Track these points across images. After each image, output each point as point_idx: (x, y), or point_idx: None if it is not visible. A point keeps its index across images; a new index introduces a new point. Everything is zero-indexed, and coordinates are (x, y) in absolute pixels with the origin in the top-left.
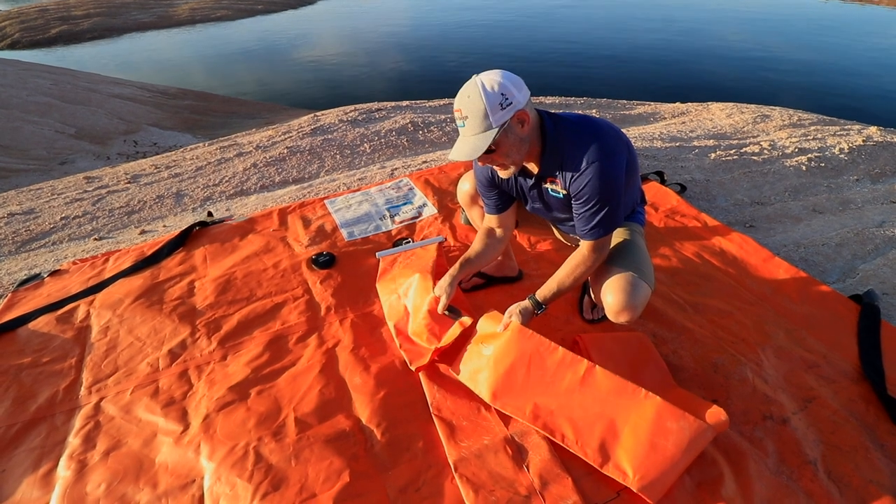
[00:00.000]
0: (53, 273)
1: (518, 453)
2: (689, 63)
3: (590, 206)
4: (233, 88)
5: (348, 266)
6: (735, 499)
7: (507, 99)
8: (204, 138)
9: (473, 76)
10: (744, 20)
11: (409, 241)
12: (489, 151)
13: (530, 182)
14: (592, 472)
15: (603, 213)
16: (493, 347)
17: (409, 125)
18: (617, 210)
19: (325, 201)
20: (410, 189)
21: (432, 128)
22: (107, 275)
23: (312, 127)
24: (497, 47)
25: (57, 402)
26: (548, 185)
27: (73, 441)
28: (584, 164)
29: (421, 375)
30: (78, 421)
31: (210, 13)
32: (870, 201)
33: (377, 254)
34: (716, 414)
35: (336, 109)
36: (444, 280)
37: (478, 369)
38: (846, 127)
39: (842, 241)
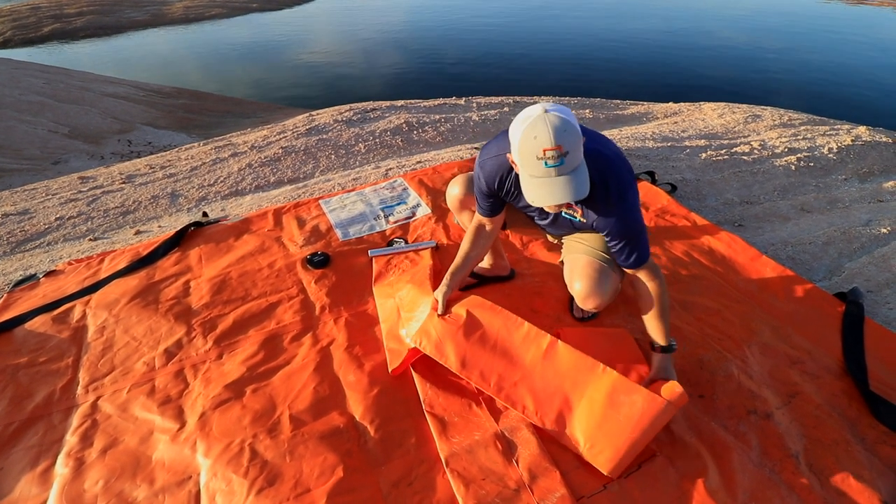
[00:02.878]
0: (49, 273)
1: (508, 448)
2: (682, 63)
3: (623, 242)
4: (227, 87)
5: (343, 266)
6: (718, 491)
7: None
8: (198, 138)
9: (543, 111)
10: (736, 20)
11: (402, 242)
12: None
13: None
14: (581, 465)
15: (639, 244)
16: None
17: (404, 125)
18: (645, 234)
19: (320, 201)
20: (405, 189)
21: (427, 128)
22: (102, 275)
23: (307, 127)
24: (494, 47)
25: (54, 401)
26: (564, 210)
27: (71, 439)
28: (608, 202)
29: (414, 374)
30: (75, 419)
31: (204, 11)
32: (857, 200)
33: (369, 252)
34: (672, 389)
35: (331, 109)
36: (440, 289)
37: (445, 339)
38: (836, 127)
39: (828, 239)
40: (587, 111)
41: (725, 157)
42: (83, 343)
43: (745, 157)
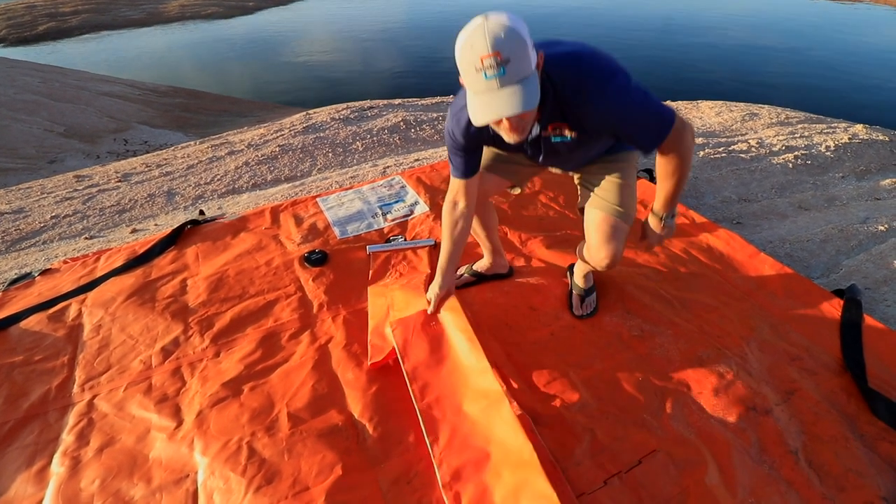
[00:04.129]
0: (44, 272)
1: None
2: (681, 62)
3: (634, 128)
4: (224, 86)
5: (341, 263)
6: (718, 487)
7: (529, 38)
8: (195, 136)
9: (482, 17)
10: (736, 19)
11: (400, 239)
12: (533, 105)
13: (531, 137)
14: (581, 461)
15: (649, 118)
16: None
17: (402, 123)
18: (652, 102)
19: (318, 199)
20: (402, 187)
21: (424, 126)
22: (98, 273)
23: (304, 125)
24: None
25: (50, 399)
26: (550, 134)
27: (67, 438)
28: (595, 99)
29: (404, 373)
30: (71, 418)
31: (200, 10)
32: (854, 198)
33: (367, 248)
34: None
35: (328, 107)
36: (433, 288)
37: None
38: (833, 125)
39: (826, 237)
40: None
41: (723, 154)
42: (79, 341)
43: (742, 155)
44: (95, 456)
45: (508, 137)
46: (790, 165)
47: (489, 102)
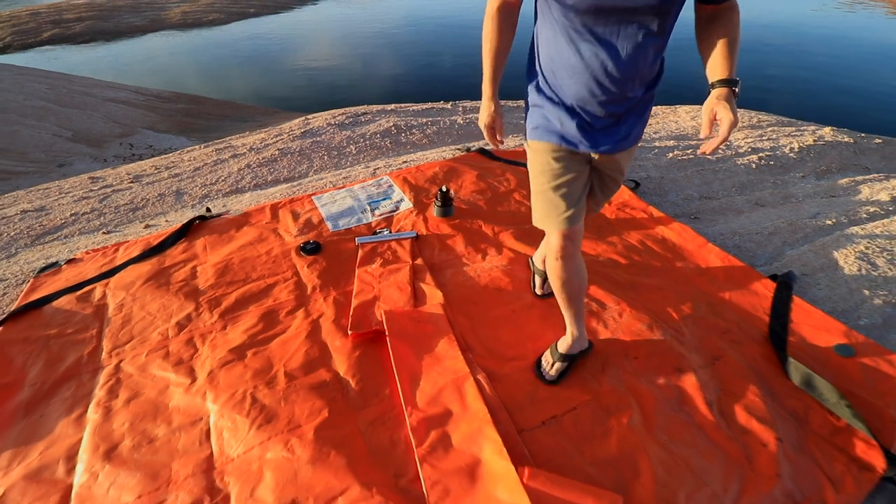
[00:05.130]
0: (70, 261)
1: (461, 395)
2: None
3: None
4: (225, 92)
5: (332, 252)
6: (638, 427)
7: None
8: (198, 141)
9: None
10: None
11: (386, 232)
12: None
13: None
14: (525, 407)
15: None
16: None
17: (393, 128)
18: None
19: (313, 197)
20: (390, 186)
21: (414, 130)
22: (118, 262)
23: (303, 130)
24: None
25: (82, 363)
26: None
27: (99, 393)
28: None
29: (389, 341)
30: (101, 378)
31: (202, 16)
32: (810, 195)
33: (357, 239)
34: None
35: (325, 113)
36: (486, 112)
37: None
38: (802, 128)
39: (775, 230)
40: None
41: (690, 156)
42: (104, 318)
43: (708, 157)
44: (124, 406)
45: None
46: (753, 166)
47: None
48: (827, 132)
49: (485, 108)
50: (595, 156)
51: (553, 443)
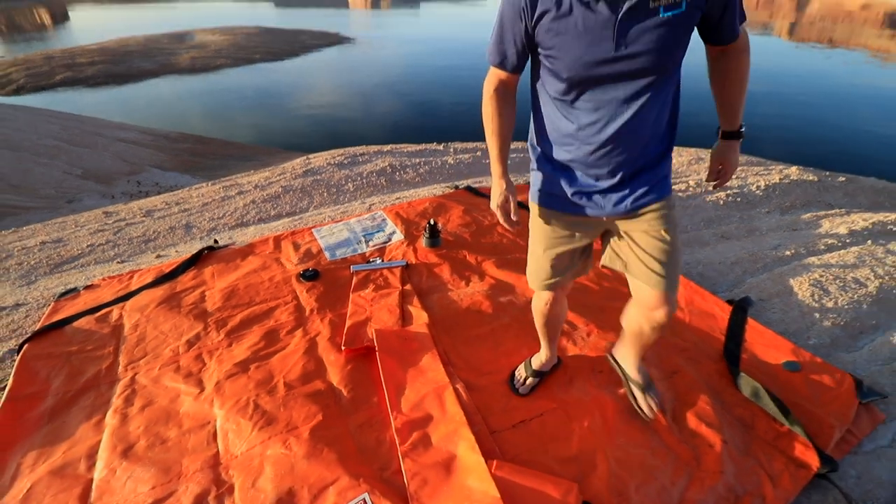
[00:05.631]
0: (88, 287)
1: (441, 401)
2: None
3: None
4: (230, 132)
5: (329, 279)
6: (598, 430)
7: None
8: (203, 179)
9: None
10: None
11: (378, 261)
12: None
13: (625, 5)
14: (498, 413)
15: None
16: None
17: (388, 167)
18: None
19: (313, 230)
20: (383, 220)
21: (408, 170)
22: (133, 287)
23: (304, 169)
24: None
25: (101, 376)
26: (660, 3)
27: (116, 401)
28: None
29: (378, 356)
30: (118, 389)
31: (210, 62)
32: (774, 229)
33: (351, 267)
34: None
35: (325, 153)
36: (498, 192)
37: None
38: (770, 167)
39: (737, 260)
40: None
41: None
42: (121, 336)
43: (680, 194)
44: (139, 412)
45: None
46: (721, 202)
47: None
48: (793, 171)
49: (496, 188)
50: (607, 219)
51: (521, 442)
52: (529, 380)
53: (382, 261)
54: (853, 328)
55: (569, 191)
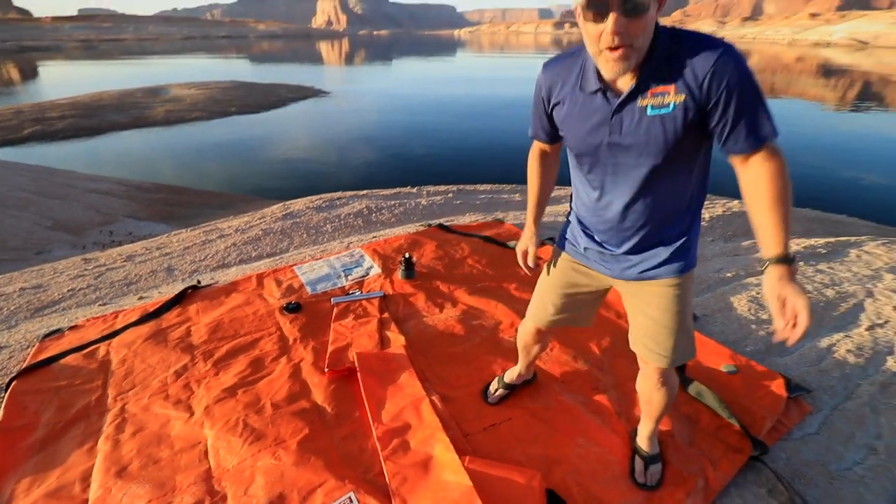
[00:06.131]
0: (72, 328)
1: (418, 411)
2: None
3: (752, 100)
4: (206, 183)
5: (311, 311)
6: (562, 431)
7: None
8: (179, 227)
9: None
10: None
11: (357, 293)
12: (643, 9)
13: (616, 101)
14: (470, 420)
15: (758, 108)
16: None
17: (365, 209)
18: (765, 100)
19: (294, 267)
20: (362, 256)
21: (384, 211)
22: (118, 326)
23: (283, 213)
24: (453, 144)
25: (90, 407)
26: (648, 102)
27: (107, 429)
28: (719, 57)
29: (360, 376)
30: (108, 418)
31: (185, 115)
32: (717, 255)
33: (332, 299)
34: None
35: (304, 199)
36: (527, 240)
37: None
38: (715, 201)
39: None
40: (517, 195)
41: None
42: (108, 370)
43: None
44: (131, 437)
45: (607, 61)
46: None
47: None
48: (735, 204)
49: (524, 235)
50: (615, 281)
51: (492, 443)
52: (500, 391)
53: (361, 292)
54: None
55: (587, 245)
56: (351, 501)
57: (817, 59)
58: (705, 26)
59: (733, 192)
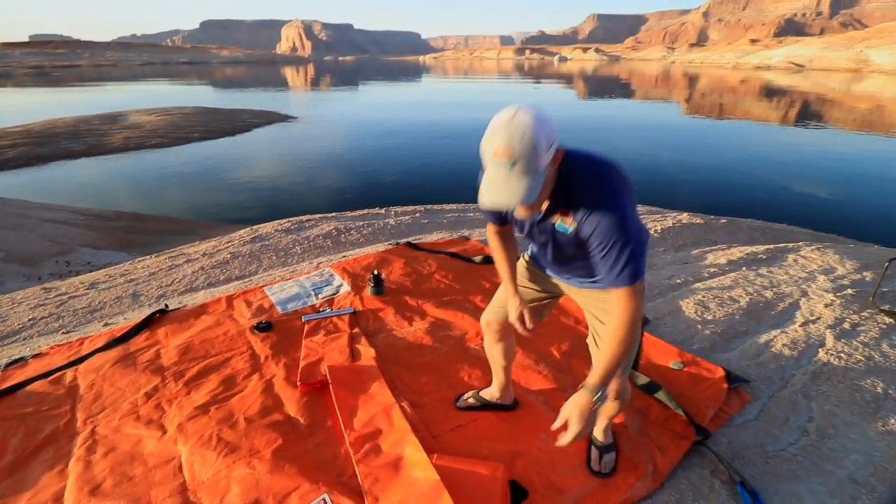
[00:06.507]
0: (36, 356)
1: (389, 417)
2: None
3: (610, 246)
4: (169, 210)
5: (282, 329)
6: (524, 429)
7: (552, 137)
8: (141, 255)
9: (515, 109)
10: (632, 130)
11: (328, 310)
12: (534, 199)
13: (538, 216)
14: (439, 422)
15: (622, 254)
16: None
17: (334, 230)
18: (636, 249)
19: (264, 288)
20: (331, 275)
21: (352, 232)
22: (84, 352)
23: (252, 236)
24: (430, 164)
25: (59, 432)
26: (557, 220)
27: (78, 451)
28: (594, 201)
29: (331, 388)
30: (79, 441)
31: (145, 141)
32: (669, 263)
33: (303, 317)
34: None
35: (272, 222)
36: (513, 307)
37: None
38: (666, 214)
39: None
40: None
41: None
42: (77, 395)
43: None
44: (103, 457)
45: (517, 213)
46: None
47: (494, 189)
48: (684, 216)
49: (511, 305)
50: (566, 286)
51: (459, 441)
52: (471, 400)
53: (332, 310)
54: (728, 335)
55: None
56: (325, 503)
57: (760, 80)
58: (655, 52)
59: (682, 205)
